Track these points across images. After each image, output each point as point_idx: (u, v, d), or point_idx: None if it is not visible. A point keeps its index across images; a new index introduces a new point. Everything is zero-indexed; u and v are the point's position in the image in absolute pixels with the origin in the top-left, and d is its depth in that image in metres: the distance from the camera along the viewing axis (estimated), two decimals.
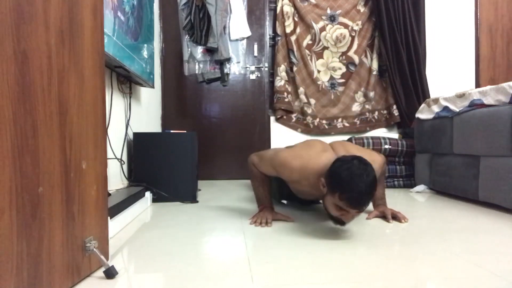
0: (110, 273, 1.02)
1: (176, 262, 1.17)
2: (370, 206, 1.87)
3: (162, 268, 1.12)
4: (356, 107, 3.66)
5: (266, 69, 3.64)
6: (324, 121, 3.61)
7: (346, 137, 3.24)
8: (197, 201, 2.31)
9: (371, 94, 3.62)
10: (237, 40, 3.04)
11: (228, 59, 2.95)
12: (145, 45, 2.30)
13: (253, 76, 3.64)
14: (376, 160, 1.67)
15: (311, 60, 3.60)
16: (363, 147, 2.16)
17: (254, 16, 3.59)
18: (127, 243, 1.40)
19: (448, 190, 2.46)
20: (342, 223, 1.48)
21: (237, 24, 3.00)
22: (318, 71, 3.63)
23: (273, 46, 3.61)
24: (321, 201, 1.64)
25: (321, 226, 1.67)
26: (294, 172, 1.62)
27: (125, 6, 1.88)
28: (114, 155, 2.07)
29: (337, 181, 1.38)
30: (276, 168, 1.69)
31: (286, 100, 3.53)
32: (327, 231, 1.56)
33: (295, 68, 3.56)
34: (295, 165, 1.61)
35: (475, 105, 2.19)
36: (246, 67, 3.62)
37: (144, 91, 2.82)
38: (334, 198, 1.39)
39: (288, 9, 3.52)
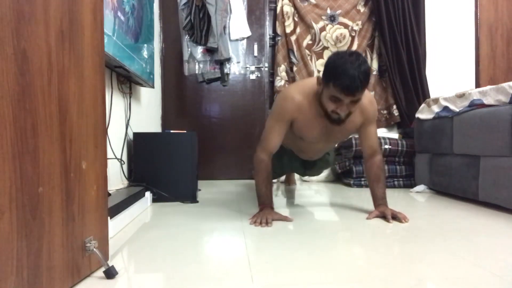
0: (110, 273, 1.02)
1: (176, 262, 1.17)
2: (371, 206, 1.87)
3: (162, 268, 1.12)
4: None
5: (266, 69, 3.64)
6: None
7: None
8: (197, 201, 2.30)
9: (371, 94, 3.62)
10: (237, 40, 3.04)
11: (228, 59, 2.95)
12: (145, 45, 2.30)
13: (253, 76, 3.64)
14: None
15: (311, 60, 3.60)
16: None
17: (254, 16, 3.59)
18: (127, 243, 1.40)
19: (448, 190, 2.46)
20: (339, 120, 1.57)
21: (237, 24, 3.00)
22: (318, 71, 3.62)
23: (273, 46, 3.61)
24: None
25: (321, 226, 1.67)
26: (296, 96, 1.67)
27: (125, 6, 1.88)
28: (114, 155, 2.07)
29: (331, 69, 1.46)
30: (280, 114, 1.73)
31: None
32: (327, 231, 1.56)
33: (295, 68, 3.55)
34: (293, 90, 1.71)
35: (475, 105, 2.19)
36: (246, 67, 3.62)
37: (144, 91, 2.81)
38: (329, 89, 1.46)
39: (288, 9, 3.52)
